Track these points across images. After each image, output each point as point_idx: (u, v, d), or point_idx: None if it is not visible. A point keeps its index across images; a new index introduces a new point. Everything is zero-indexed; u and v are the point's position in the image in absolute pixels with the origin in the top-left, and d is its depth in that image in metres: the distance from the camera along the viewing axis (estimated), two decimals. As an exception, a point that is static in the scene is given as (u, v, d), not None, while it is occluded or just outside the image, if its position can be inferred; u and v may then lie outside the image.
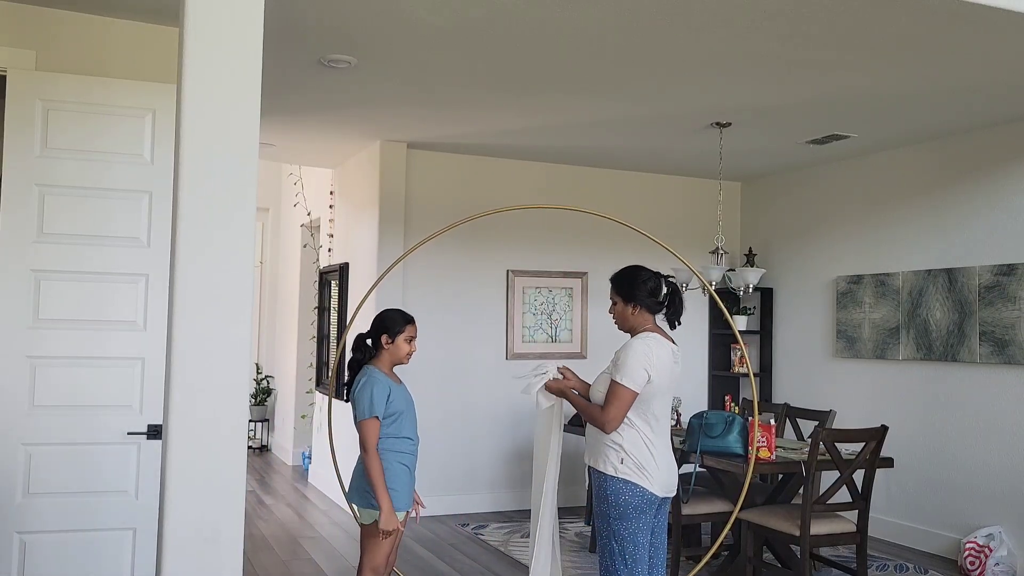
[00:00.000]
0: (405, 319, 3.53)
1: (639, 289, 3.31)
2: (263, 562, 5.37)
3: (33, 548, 3.15)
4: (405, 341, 3.49)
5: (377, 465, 3.32)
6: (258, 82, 2.29)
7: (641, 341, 3.23)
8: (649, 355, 3.18)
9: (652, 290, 3.31)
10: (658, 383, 3.20)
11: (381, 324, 3.52)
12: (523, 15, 3.75)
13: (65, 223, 3.23)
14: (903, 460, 5.95)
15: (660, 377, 3.20)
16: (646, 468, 3.17)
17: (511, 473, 6.90)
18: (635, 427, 3.20)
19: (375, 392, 3.36)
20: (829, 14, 3.64)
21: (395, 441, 3.41)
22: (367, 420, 3.33)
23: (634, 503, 3.16)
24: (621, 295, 3.36)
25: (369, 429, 3.33)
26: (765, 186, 7.53)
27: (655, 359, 3.19)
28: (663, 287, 3.33)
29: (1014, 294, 5.31)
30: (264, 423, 9.87)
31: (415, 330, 3.55)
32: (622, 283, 3.37)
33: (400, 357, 3.50)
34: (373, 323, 3.54)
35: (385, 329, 3.49)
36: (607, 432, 3.20)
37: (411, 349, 3.51)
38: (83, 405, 3.24)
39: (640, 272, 3.36)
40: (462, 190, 6.84)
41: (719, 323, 7.51)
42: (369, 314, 6.53)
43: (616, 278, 3.41)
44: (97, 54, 3.54)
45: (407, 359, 3.51)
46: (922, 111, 5.22)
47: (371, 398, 3.35)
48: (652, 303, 3.31)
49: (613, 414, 3.16)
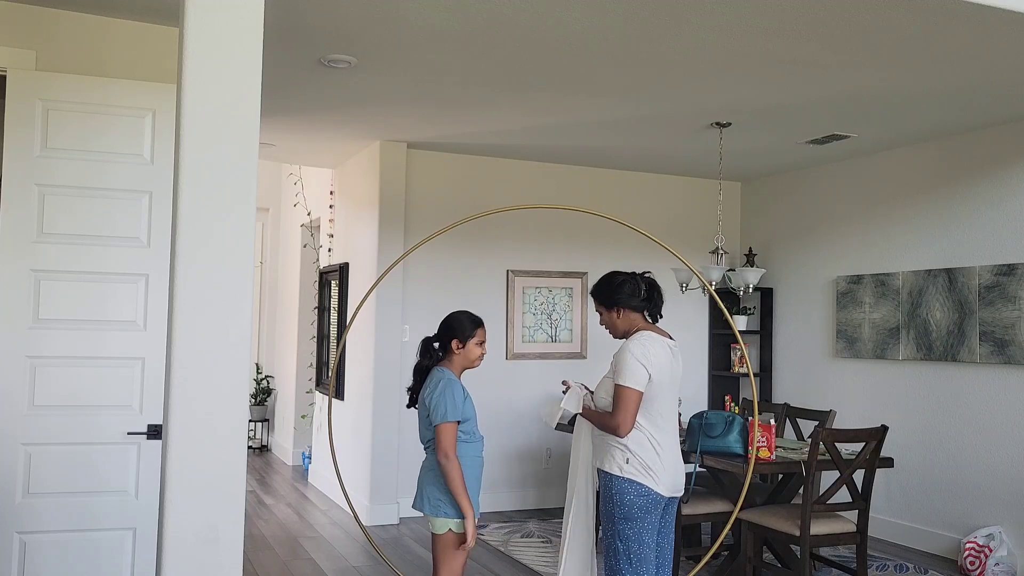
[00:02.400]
0: (475, 323, 3.38)
1: (618, 293, 3.35)
2: (263, 562, 5.37)
3: (33, 548, 3.15)
4: (476, 345, 3.36)
5: (458, 471, 3.17)
6: (258, 82, 2.29)
7: (635, 342, 3.25)
8: (646, 353, 3.20)
9: (631, 291, 3.34)
10: (659, 379, 3.21)
11: (451, 329, 3.37)
12: (523, 15, 3.75)
13: (65, 223, 3.23)
14: (903, 460, 5.95)
15: (660, 373, 3.21)
16: (652, 468, 3.18)
17: (511, 473, 6.90)
18: (640, 427, 3.21)
19: (456, 395, 3.24)
20: (829, 14, 3.64)
21: (468, 446, 3.29)
22: (448, 424, 3.19)
23: (640, 503, 3.16)
24: (603, 304, 3.40)
25: (450, 433, 3.19)
26: (765, 186, 7.53)
27: (652, 356, 3.21)
28: (641, 285, 3.35)
29: (1014, 294, 5.31)
30: (264, 423, 9.87)
31: (485, 333, 3.41)
32: (601, 292, 3.42)
33: (472, 361, 3.38)
34: (441, 327, 3.40)
35: (455, 334, 3.36)
36: (622, 436, 3.19)
37: (482, 352, 3.39)
38: (83, 405, 3.24)
39: (614, 277, 3.41)
40: (462, 190, 6.84)
41: (719, 323, 7.51)
42: (370, 314, 6.56)
43: (594, 290, 3.46)
44: (97, 54, 3.54)
45: (478, 362, 3.39)
46: (922, 111, 5.22)
47: (452, 401, 3.22)
48: (635, 303, 3.34)
49: (622, 417, 3.17)
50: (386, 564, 4.62)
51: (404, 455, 6.57)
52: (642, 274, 3.42)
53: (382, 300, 6.40)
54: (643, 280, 3.38)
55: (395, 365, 6.43)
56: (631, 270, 3.47)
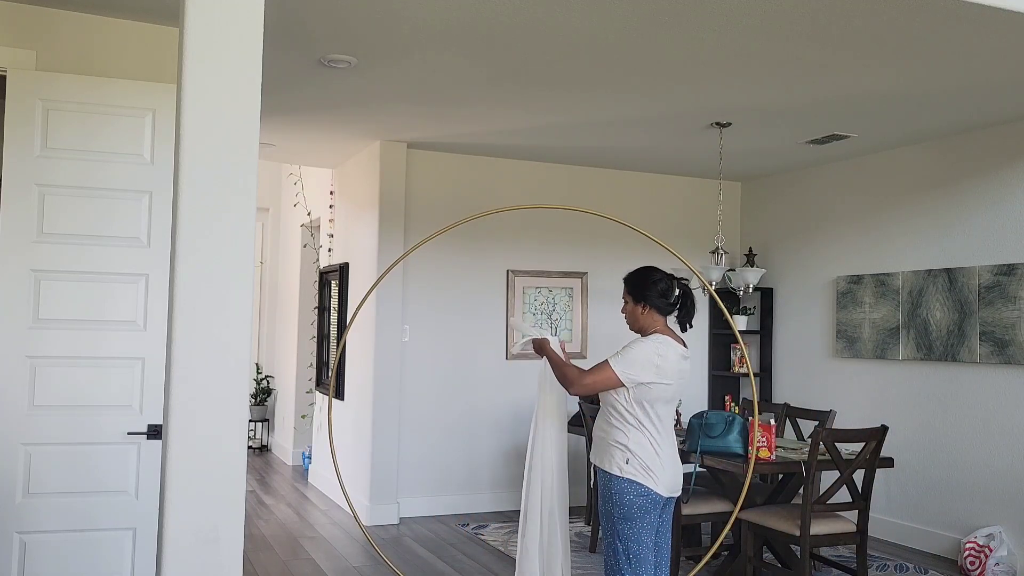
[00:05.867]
0: None
1: (650, 290, 3.32)
2: (263, 562, 5.37)
3: (33, 548, 3.15)
4: None
5: None
6: (258, 82, 2.29)
7: (656, 342, 3.25)
8: (664, 359, 3.19)
9: (663, 291, 3.32)
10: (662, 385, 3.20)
11: None
12: (523, 16, 3.75)
13: (65, 223, 3.23)
14: (903, 460, 5.94)
15: (665, 378, 3.21)
16: (652, 469, 3.17)
17: (511, 473, 6.90)
18: (642, 428, 3.20)
19: None
20: (830, 14, 3.64)
21: None
22: None
23: (639, 503, 3.16)
24: (632, 295, 3.37)
25: None
26: (765, 186, 7.53)
27: (666, 364, 3.20)
28: (675, 289, 3.33)
29: (1014, 294, 5.31)
30: (264, 423, 9.87)
31: None
32: (634, 283, 3.38)
33: None
34: None
35: None
36: (570, 393, 3.27)
37: None
38: (83, 405, 3.24)
39: (652, 273, 3.37)
40: (462, 190, 6.84)
41: (719, 323, 7.51)
42: (369, 314, 6.56)
43: (628, 278, 3.43)
44: (97, 54, 3.54)
45: None
46: (922, 111, 5.22)
47: None
48: (662, 304, 3.32)
49: (589, 381, 3.20)
50: (386, 564, 4.62)
51: (404, 455, 6.57)
52: (679, 279, 3.38)
53: (382, 300, 6.40)
54: (679, 285, 3.35)
55: (395, 365, 6.43)
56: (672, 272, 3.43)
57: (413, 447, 6.63)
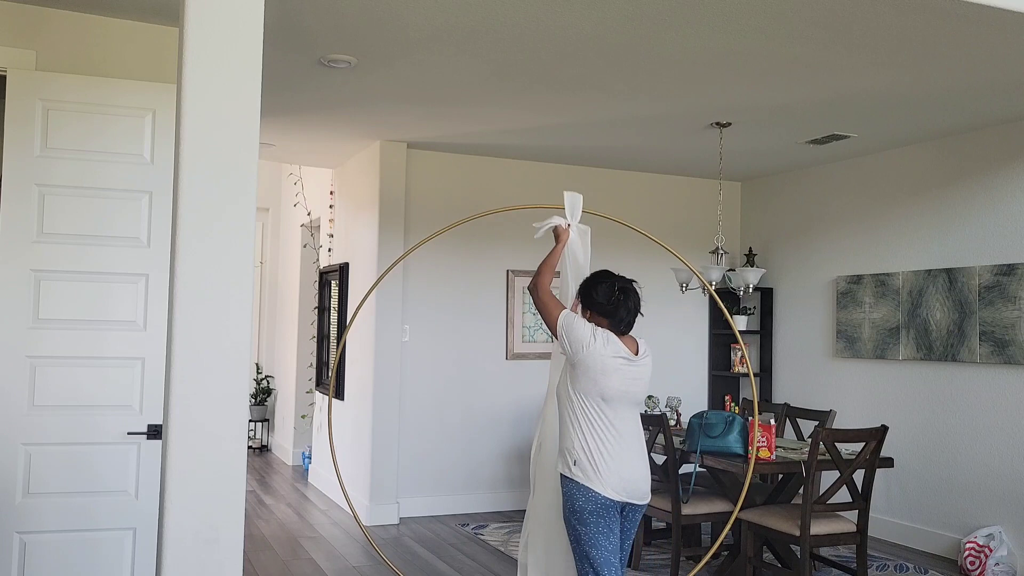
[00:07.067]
0: None
1: (592, 293, 3.31)
2: (263, 562, 5.37)
3: (33, 548, 3.15)
4: None
5: None
6: (258, 82, 2.29)
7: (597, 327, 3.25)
8: (596, 339, 3.18)
9: (603, 294, 3.27)
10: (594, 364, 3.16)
11: None
12: (523, 16, 3.75)
13: (65, 223, 3.23)
14: (903, 460, 5.95)
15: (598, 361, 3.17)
16: (598, 471, 3.13)
17: (511, 473, 6.90)
18: (591, 431, 3.15)
19: None
20: (829, 15, 3.64)
21: None
22: None
23: (589, 507, 3.13)
24: (580, 299, 3.38)
25: None
26: (765, 186, 7.53)
27: (596, 343, 3.17)
28: (615, 291, 3.27)
29: (1014, 294, 5.31)
30: (264, 423, 9.87)
31: None
32: (581, 288, 3.39)
33: None
34: None
35: None
36: (527, 287, 3.44)
37: None
38: (83, 405, 3.24)
39: (596, 276, 3.36)
40: (462, 190, 6.84)
41: (719, 323, 7.51)
42: (369, 314, 6.56)
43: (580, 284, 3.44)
44: (97, 54, 3.54)
45: None
46: (922, 111, 5.22)
47: None
48: (601, 307, 3.27)
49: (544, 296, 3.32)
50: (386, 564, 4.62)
51: (404, 455, 6.57)
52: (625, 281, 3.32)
53: (382, 300, 6.40)
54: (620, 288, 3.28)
55: (395, 365, 6.43)
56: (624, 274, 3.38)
57: (413, 447, 6.62)
